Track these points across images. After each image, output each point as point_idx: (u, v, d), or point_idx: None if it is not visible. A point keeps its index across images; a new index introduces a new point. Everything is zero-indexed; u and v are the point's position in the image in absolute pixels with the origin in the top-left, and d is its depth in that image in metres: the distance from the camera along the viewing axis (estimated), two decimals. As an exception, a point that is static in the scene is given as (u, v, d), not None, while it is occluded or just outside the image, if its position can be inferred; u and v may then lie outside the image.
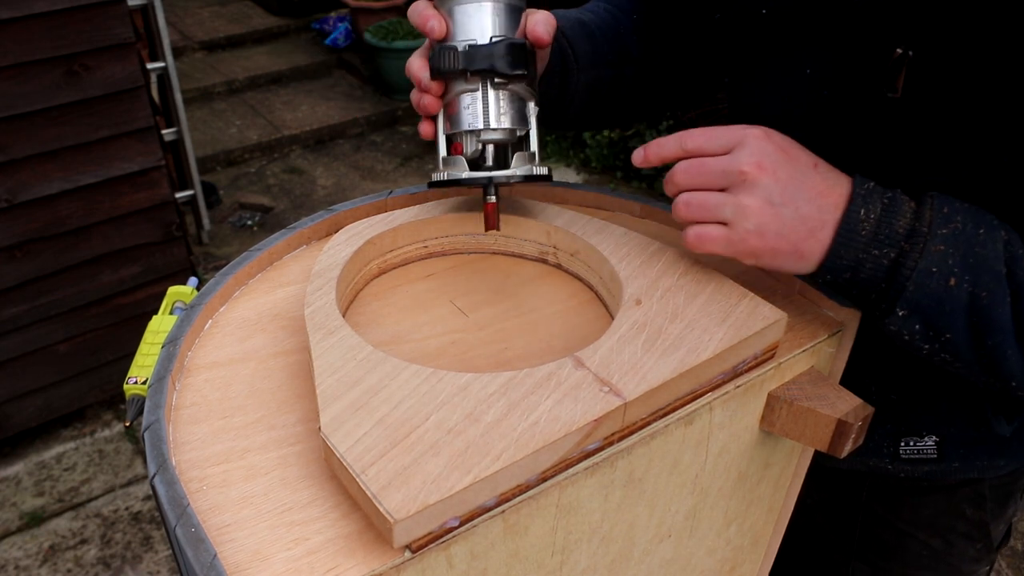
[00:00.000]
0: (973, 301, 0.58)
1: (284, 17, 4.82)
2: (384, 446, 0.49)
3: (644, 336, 0.59)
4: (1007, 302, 0.58)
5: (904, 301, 0.59)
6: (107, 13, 1.88)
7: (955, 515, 0.88)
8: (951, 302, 0.58)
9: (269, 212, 3.44)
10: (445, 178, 0.67)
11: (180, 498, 0.49)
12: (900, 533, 0.90)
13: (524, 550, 0.54)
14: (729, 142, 0.60)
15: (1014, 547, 2.06)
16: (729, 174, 0.59)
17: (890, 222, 0.59)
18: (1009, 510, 0.91)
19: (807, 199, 0.59)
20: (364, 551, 0.47)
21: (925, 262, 0.58)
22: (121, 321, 2.23)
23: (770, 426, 0.66)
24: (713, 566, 0.77)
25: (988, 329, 0.59)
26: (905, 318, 0.60)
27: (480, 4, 0.65)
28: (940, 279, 0.58)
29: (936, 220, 0.58)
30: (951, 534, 0.89)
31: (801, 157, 0.60)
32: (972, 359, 0.60)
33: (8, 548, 2.05)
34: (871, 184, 0.60)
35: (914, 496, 0.87)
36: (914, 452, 0.82)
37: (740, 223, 0.59)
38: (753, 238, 0.59)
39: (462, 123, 0.67)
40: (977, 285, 0.58)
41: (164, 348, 0.61)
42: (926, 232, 0.58)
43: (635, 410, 0.54)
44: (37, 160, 1.92)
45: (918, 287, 0.58)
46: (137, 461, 2.29)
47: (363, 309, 0.69)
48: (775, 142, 0.60)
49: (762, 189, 0.58)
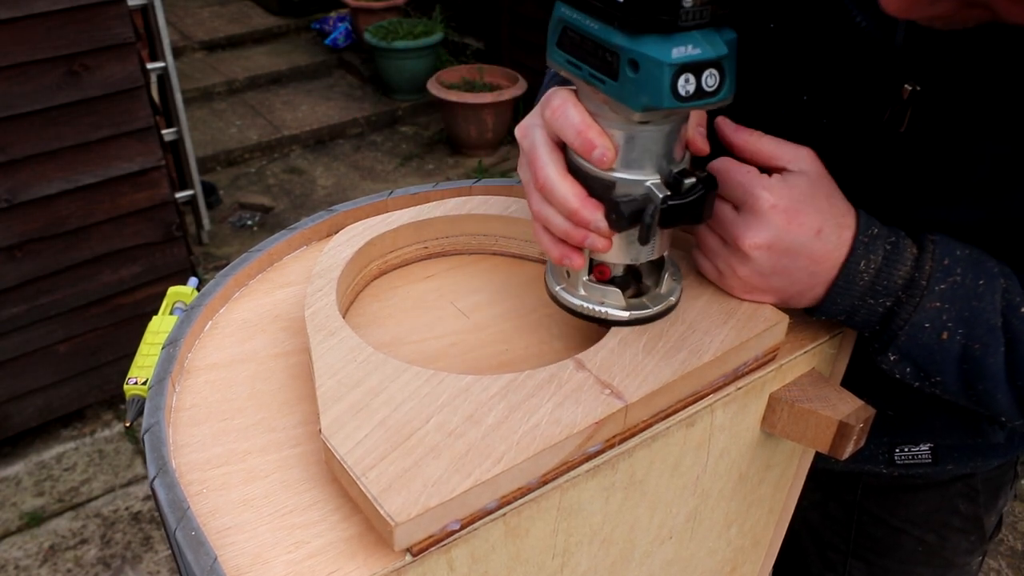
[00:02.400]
0: (965, 352, 0.59)
1: (284, 17, 4.82)
2: (385, 448, 0.49)
3: (645, 338, 0.58)
4: (1000, 351, 0.59)
5: (895, 348, 0.60)
6: (107, 13, 1.88)
7: (949, 510, 0.89)
8: (942, 353, 0.59)
9: (269, 212, 3.44)
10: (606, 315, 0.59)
11: (180, 501, 0.49)
12: (895, 530, 0.90)
13: (525, 553, 0.54)
14: (741, 195, 0.58)
15: (1014, 547, 2.06)
16: (727, 233, 0.59)
17: (889, 272, 0.59)
18: (1000, 501, 0.92)
19: (802, 267, 0.59)
20: (365, 554, 0.47)
21: (919, 317, 0.58)
22: (121, 321, 2.23)
23: (771, 428, 0.66)
24: (714, 567, 0.77)
25: (979, 376, 0.60)
26: (896, 362, 0.61)
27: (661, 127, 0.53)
28: (932, 333, 0.59)
29: (935, 274, 0.58)
30: (945, 529, 0.90)
31: (807, 222, 0.58)
32: (963, 398, 0.62)
33: (8, 548, 2.05)
34: (875, 230, 0.59)
35: (908, 493, 0.88)
36: (909, 458, 0.82)
37: (728, 278, 0.61)
38: (739, 291, 0.62)
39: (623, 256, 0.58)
40: (971, 338, 0.59)
41: (164, 349, 0.61)
42: (924, 286, 0.58)
43: (636, 412, 0.54)
44: (37, 160, 1.92)
45: (910, 339, 0.59)
46: (137, 461, 2.29)
47: (363, 310, 0.69)
48: (783, 208, 0.57)
49: (755, 262, 0.59)
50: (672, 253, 0.63)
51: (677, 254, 0.67)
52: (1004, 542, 2.07)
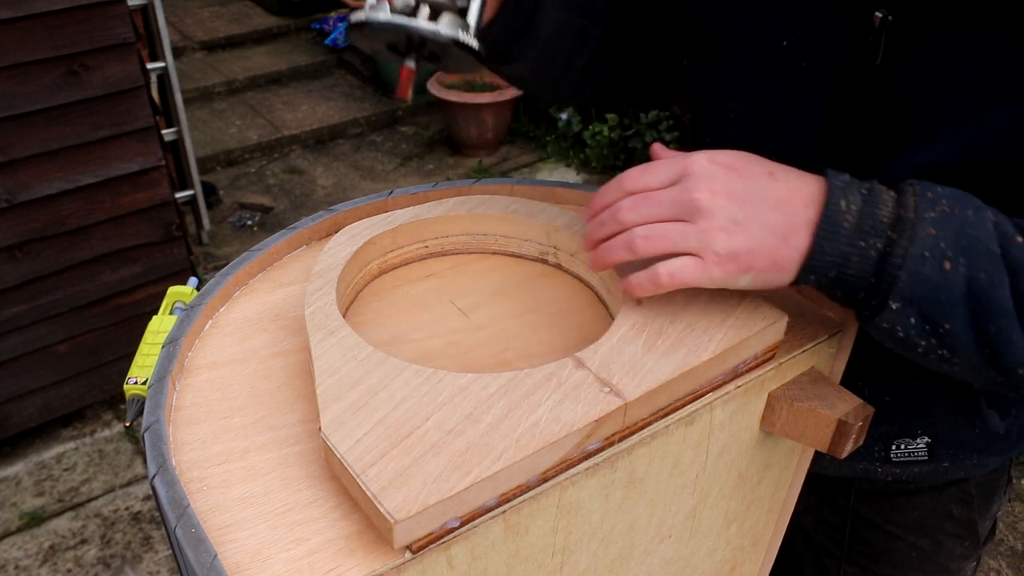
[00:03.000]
0: (971, 285, 0.54)
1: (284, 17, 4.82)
2: (384, 446, 0.49)
3: (644, 336, 0.59)
4: (1006, 283, 0.54)
5: (897, 293, 0.55)
6: (107, 13, 1.88)
7: (943, 515, 0.88)
8: (948, 289, 0.54)
9: (269, 212, 3.44)
10: (363, 19, 0.59)
11: (180, 499, 0.49)
12: (888, 535, 0.90)
13: (524, 550, 0.54)
14: (672, 173, 0.58)
15: (1014, 547, 2.06)
16: (680, 204, 0.56)
17: (873, 212, 0.56)
18: (994, 506, 0.91)
19: (771, 208, 0.56)
20: (364, 552, 0.47)
21: (916, 247, 0.54)
22: (121, 321, 2.23)
23: (770, 426, 0.66)
24: (713, 566, 0.77)
25: (990, 313, 0.54)
26: (899, 312, 0.55)
27: None
28: (934, 264, 0.54)
29: (921, 205, 0.55)
30: (939, 534, 0.89)
31: (754, 169, 0.58)
32: (973, 351, 0.56)
33: (8, 548, 2.05)
34: (846, 176, 0.58)
35: (901, 498, 0.87)
36: (905, 455, 0.81)
37: (709, 250, 0.56)
38: (727, 262, 0.56)
39: None
40: (973, 267, 0.54)
41: (164, 348, 0.61)
42: (912, 218, 0.55)
43: (636, 410, 0.54)
44: (37, 160, 1.92)
45: (912, 275, 0.54)
46: (137, 461, 2.29)
47: (363, 309, 0.69)
48: (721, 162, 0.57)
49: (721, 211, 0.55)
50: None
51: None
52: (1004, 542, 2.07)
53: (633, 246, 0.57)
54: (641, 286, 0.58)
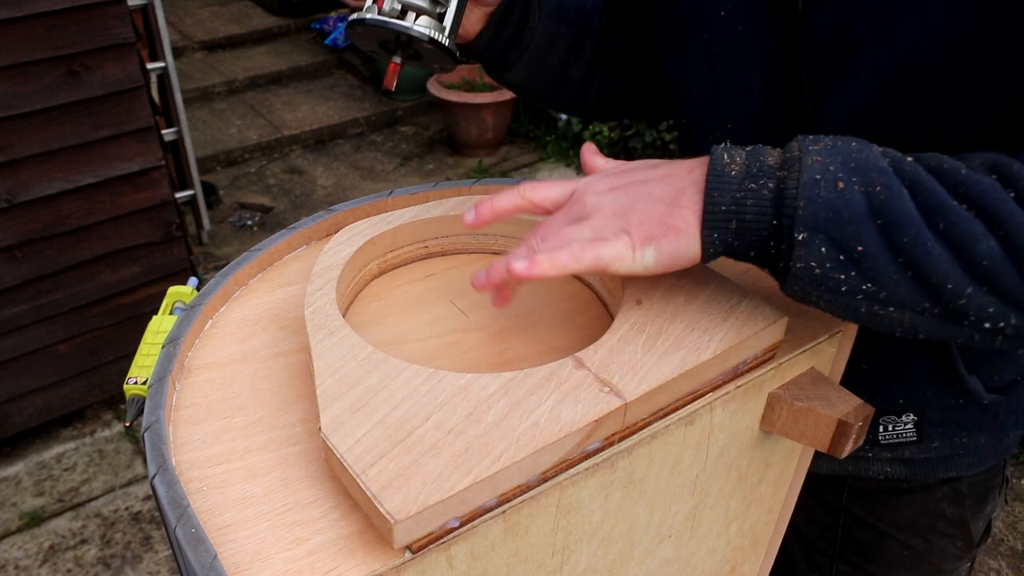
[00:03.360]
0: (871, 199, 0.53)
1: (284, 17, 4.82)
2: (384, 446, 0.49)
3: (644, 336, 0.59)
4: (905, 194, 0.53)
5: (800, 222, 0.53)
6: (107, 13, 1.88)
7: (935, 515, 0.88)
8: (848, 206, 0.53)
9: (269, 212, 3.44)
10: (358, 18, 0.71)
11: (180, 499, 0.49)
12: (881, 534, 0.90)
13: (524, 550, 0.54)
14: (567, 189, 0.62)
15: (1014, 547, 2.06)
16: (574, 211, 0.60)
17: (758, 159, 0.56)
18: (988, 507, 0.91)
19: (655, 183, 0.59)
20: (364, 551, 0.47)
21: (807, 174, 0.54)
22: (121, 321, 2.23)
23: (770, 426, 0.66)
24: (713, 566, 0.77)
25: (898, 223, 0.52)
26: (808, 243, 0.53)
27: None
28: (828, 185, 0.53)
29: (805, 143, 0.56)
30: (931, 533, 0.89)
31: (636, 167, 0.61)
32: (895, 273, 0.53)
33: (8, 548, 2.05)
34: (727, 143, 0.60)
35: (894, 497, 0.88)
36: (893, 436, 0.81)
37: (604, 231, 0.58)
38: (623, 236, 0.57)
39: None
40: (868, 183, 0.53)
41: (164, 348, 0.61)
42: (798, 155, 0.55)
43: (635, 410, 0.54)
44: (37, 160, 1.92)
45: (808, 201, 0.53)
46: (137, 461, 2.29)
47: (363, 309, 0.69)
48: (608, 171, 0.62)
49: (607, 203, 0.59)
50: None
51: None
52: (1004, 542, 2.07)
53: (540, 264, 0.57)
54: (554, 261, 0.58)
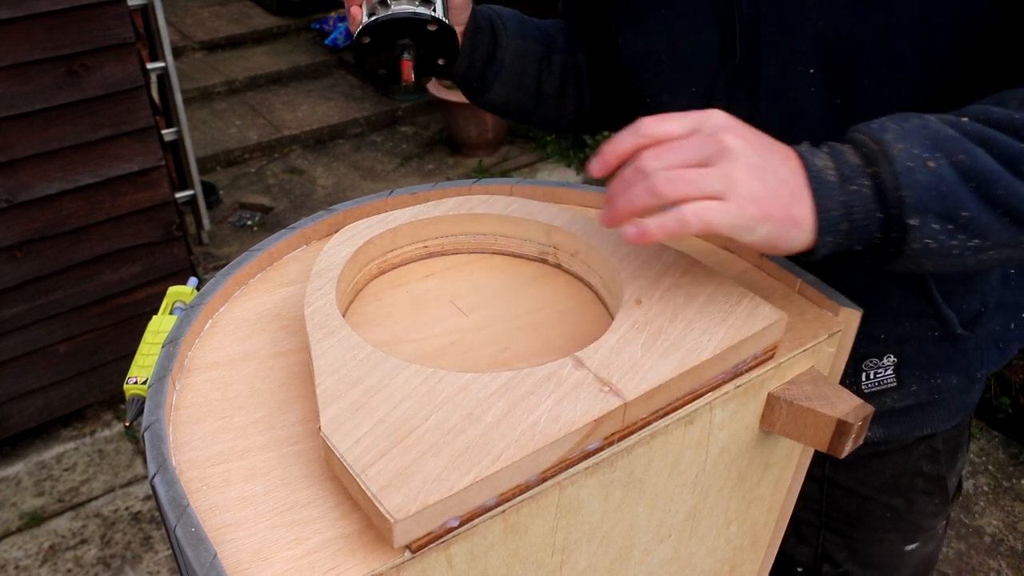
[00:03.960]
0: (959, 168, 0.57)
1: (284, 17, 4.82)
2: (384, 446, 0.49)
3: (644, 336, 0.59)
4: (982, 153, 0.58)
5: (910, 209, 0.57)
6: (107, 13, 1.88)
7: (913, 472, 0.92)
8: (944, 183, 0.57)
9: (269, 212, 3.44)
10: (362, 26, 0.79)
11: (180, 498, 0.49)
12: (864, 499, 0.94)
13: (524, 550, 0.54)
14: (688, 124, 0.59)
15: (1014, 547, 2.06)
16: (705, 146, 0.57)
17: (845, 161, 0.59)
18: (959, 463, 0.96)
19: (779, 163, 0.58)
20: (364, 551, 0.47)
21: (899, 164, 0.57)
22: (121, 321, 2.23)
23: (770, 426, 0.66)
24: (713, 566, 0.77)
25: (989, 182, 0.57)
26: (922, 226, 0.58)
27: None
28: (920, 168, 0.57)
29: (874, 134, 0.59)
30: (912, 492, 0.93)
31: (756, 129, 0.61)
32: (998, 223, 0.58)
33: (8, 548, 2.05)
34: (805, 144, 0.61)
35: (874, 460, 0.91)
36: (875, 384, 0.84)
37: (733, 192, 0.56)
38: (751, 206, 0.56)
39: None
40: (949, 154, 0.58)
41: (164, 348, 0.61)
42: (876, 147, 0.58)
43: (635, 410, 0.54)
44: (37, 160, 1.92)
45: (911, 187, 0.57)
46: (137, 461, 2.29)
47: (363, 309, 0.69)
48: (734, 118, 0.60)
49: (743, 155, 0.56)
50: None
51: (677, 253, 0.68)
52: (1004, 542, 2.07)
53: (655, 189, 0.56)
54: (664, 227, 0.57)
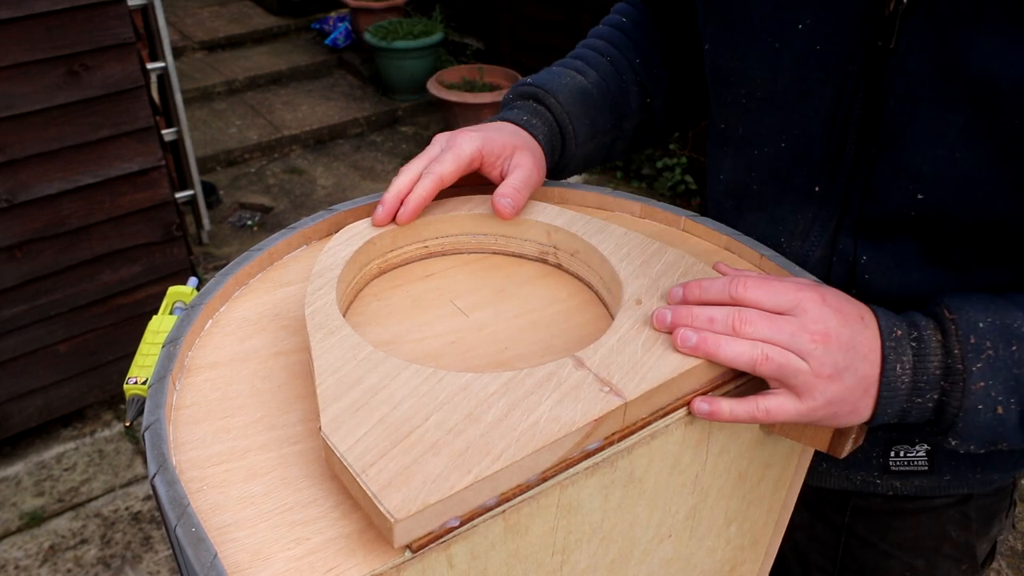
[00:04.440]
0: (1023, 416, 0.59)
1: (284, 17, 4.82)
2: (384, 446, 0.49)
3: (644, 336, 0.59)
4: None
5: (956, 434, 0.60)
6: (107, 13, 1.88)
7: (940, 536, 0.87)
8: (1002, 426, 0.59)
9: (269, 212, 3.44)
10: None
11: (180, 498, 0.49)
12: (883, 554, 0.89)
13: (524, 550, 0.54)
14: (786, 302, 0.59)
15: (1014, 547, 2.06)
16: (797, 338, 0.57)
17: (925, 367, 0.59)
18: (994, 529, 0.90)
19: (861, 359, 0.58)
20: (365, 551, 0.47)
21: (969, 402, 0.58)
22: (121, 321, 2.23)
23: (770, 427, 0.66)
24: (713, 566, 0.77)
25: None
26: (959, 444, 0.61)
27: None
28: (987, 413, 0.58)
29: (968, 355, 0.58)
30: (936, 555, 0.88)
31: (852, 312, 0.59)
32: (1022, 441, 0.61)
33: (8, 548, 2.05)
34: (897, 331, 0.60)
35: (898, 518, 0.86)
36: (904, 464, 0.81)
37: (809, 395, 0.57)
38: (824, 408, 0.58)
39: None
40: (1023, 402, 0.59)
41: (164, 348, 0.61)
42: (961, 369, 0.58)
43: (635, 410, 0.54)
44: (37, 160, 1.92)
45: (967, 424, 0.59)
46: (137, 461, 2.29)
47: (363, 309, 0.69)
48: (831, 304, 0.59)
49: (829, 357, 0.57)
50: None
51: (677, 253, 0.67)
52: (1004, 542, 2.07)
53: (757, 360, 0.57)
54: (735, 414, 0.58)
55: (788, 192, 0.75)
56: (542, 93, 0.81)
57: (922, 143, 0.64)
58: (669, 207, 0.80)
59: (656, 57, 0.88)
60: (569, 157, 0.82)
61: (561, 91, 0.81)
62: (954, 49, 0.60)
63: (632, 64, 0.87)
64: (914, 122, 0.64)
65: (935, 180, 0.65)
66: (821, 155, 0.71)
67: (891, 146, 0.66)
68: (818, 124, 0.71)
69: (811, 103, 0.70)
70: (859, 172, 0.70)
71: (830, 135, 0.70)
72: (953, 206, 0.65)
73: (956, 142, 0.63)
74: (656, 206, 0.80)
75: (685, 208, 0.89)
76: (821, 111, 0.70)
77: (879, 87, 0.66)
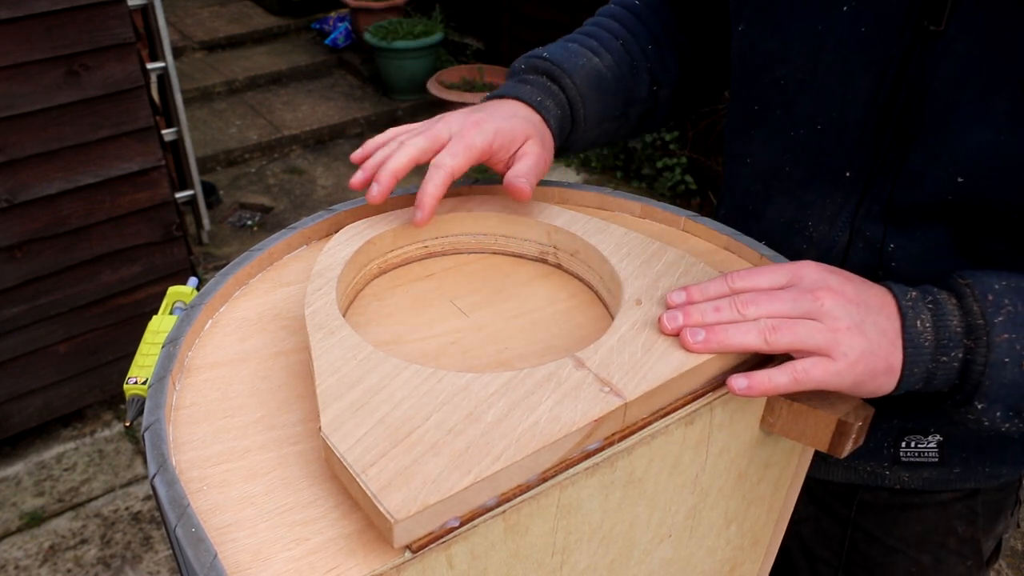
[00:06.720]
0: None
1: (284, 17, 4.82)
2: (384, 446, 0.49)
3: (644, 336, 0.59)
4: None
5: (982, 395, 0.58)
6: (107, 13, 1.88)
7: (946, 531, 0.87)
8: None
9: (269, 212, 3.44)
10: None
11: (180, 498, 0.49)
12: (889, 549, 0.89)
13: (524, 550, 0.54)
14: (782, 277, 0.58)
15: (1014, 547, 2.06)
16: (804, 302, 0.56)
17: (946, 325, 0.58)
18: (999, 526, 0.89)
19: (877, 311, 0.58)
20: (364, 551, 0.47)
21: (995, 355, 0.57)
22: (121, 321, 2.23)
23: (770, 426, 0.66)
24: (713, 566, 0.77)
25: None
26: (986, 409, 0.59)
27: None
28: (1013, 366, 0.57)
29: (987, 310, 0.58)
30: (941, 551, 0.88)
31: (854, 276, 0.59)
32: None
33: (8, 548, 2.05)
34: (911, 293, 0.60)
35: (905, 512, 0.86)
36: (915, 455, 0.80)
37: (838, 351, 0.56)
38: (858, 364, 0.57)
39: None
40: None
41: (164, 348, 0.61)
42: (983, 324, 0.58)
43: (635, 410, 0.54)
44: (37, 160, 1.92)
45: (994, 380, 0.58)
46: (137, 461, 2.29)
47: (363, 309, 0.69)
48: (828, 269, 0.58)
49: (844, 312, 0.56)
50: None
51: (677, 253, 0.67)
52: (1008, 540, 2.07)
53: (766, 334, 0.57)
54: (774, 382, 0.57)
55: (819, 175, 0.74)
56: (558, 72, 0.78)
57: (965, 126, 0.63)
58: (669, 207, 0.80)
59: (667, 41, 0.87)
60: (573, 141, 0.81)
61: (577, 72, 0.79)
62: (1006, 32, 0.60)
63: (644, 50, 0.85)
64: (958, 105, 0.63)
65: (978, 163, 0.64)
66: (857, 138, 0.70)
67: (932, 129, 0.65)
68: (857, 107, 0.69)
69: (851, 85, 0.69)
70: (894, 156, 0.69)
71: (868, 118, 0.69)
72: (994, 190, 0.64)
73: (1002, 125, 0.62)
74: (656, 206, 0.80)
75: (685, 208, 0.89)
76: (861, 94, 0.69)
77: (924, 70, 0.65)
